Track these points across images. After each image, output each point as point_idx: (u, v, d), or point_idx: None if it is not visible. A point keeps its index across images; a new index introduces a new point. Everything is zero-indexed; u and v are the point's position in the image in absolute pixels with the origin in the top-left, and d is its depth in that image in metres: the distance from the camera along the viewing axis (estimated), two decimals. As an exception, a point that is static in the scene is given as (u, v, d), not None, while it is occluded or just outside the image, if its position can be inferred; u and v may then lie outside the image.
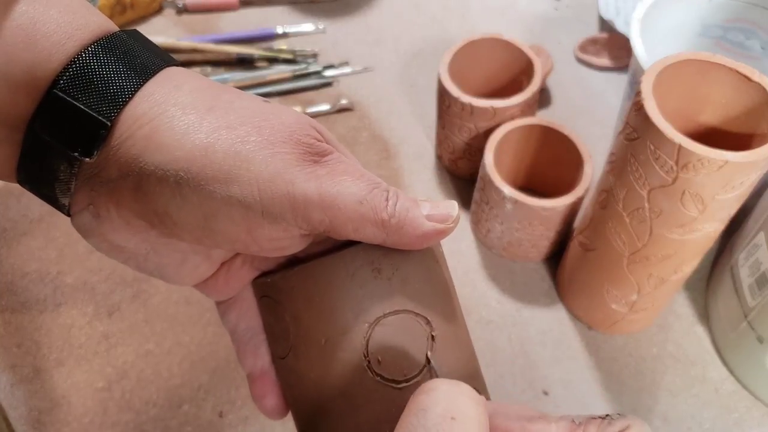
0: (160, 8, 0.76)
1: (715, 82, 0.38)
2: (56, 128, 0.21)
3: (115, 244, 0.24)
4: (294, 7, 0.77)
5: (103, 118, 0.21)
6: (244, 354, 0.28)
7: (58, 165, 0.22)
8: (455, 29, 0.75)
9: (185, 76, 0.23)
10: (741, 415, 0.48)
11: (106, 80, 0.21)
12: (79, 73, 0.21)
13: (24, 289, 0.54)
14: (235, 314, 0.28)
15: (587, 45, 0.72)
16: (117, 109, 0.21)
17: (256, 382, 0.27)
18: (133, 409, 0.47)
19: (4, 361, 0.50)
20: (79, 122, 0.21)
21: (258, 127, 0.22)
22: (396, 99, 0.68)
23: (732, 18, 0.57)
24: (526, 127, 0.53)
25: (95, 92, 0.21)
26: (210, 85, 0.23)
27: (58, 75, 0.21)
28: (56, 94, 0.21)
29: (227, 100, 0.23)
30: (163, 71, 0.23)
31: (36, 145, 0.22)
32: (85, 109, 0.21)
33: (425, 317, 0.25)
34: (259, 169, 0.22)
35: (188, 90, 0.22)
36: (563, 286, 0.53)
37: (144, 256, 0.25)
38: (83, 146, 0.21)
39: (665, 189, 0.37)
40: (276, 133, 0.22)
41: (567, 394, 0.48)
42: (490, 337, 0.51)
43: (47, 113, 0.21)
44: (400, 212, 0.23)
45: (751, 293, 0.45)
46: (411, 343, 0.25)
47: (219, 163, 0.21)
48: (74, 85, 0.21)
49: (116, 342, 0.51)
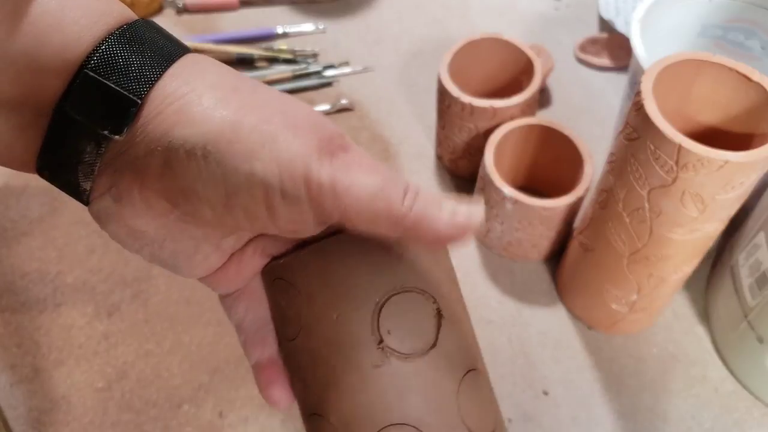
0: (160, 8, 0.76)
1: (715, 82, 0.38)
2: (86, 107, 0.22)
3: (134, 229, 0.24)
4: (294, 7, 0.77)
5: (134, 96, 0.22)
6: (252, 345, 0.28)
7: (84, 146, 0.22)
8: (455, 29, 0.75)
9: (208, 60, 0.24)
10: (741, 415, 0.48)
11: (135, 62, 0.22)
12: (108, 56, 0.22)
13: (24, 289, 0.54)
14: (243, 306, 0.29)
15: (587, 45, 0.72)
16: (147, 88, 0.22)
17: (264, 370, 0.28)
18: (133, 409, 0.47)
19: (3, 360, 0.50)
20: (110, 101, 0.22)
21: (282, 111, 0.23)
22: (396, 99, 0.68)
23: (732, 18, 0.57)
24: (526, 127, 0.53)
25: (124, 73, 0.22)
26: (230, 70, 0.24)
27: (88, 56, 0.22)
28: (87, 74, 0.21)
29: (251, 84, 0.24)
30: (186, 56, 0.24)
31: (64, 126, 0.22)
32: (116, 87, 0.22)
33: (432, 296, 0.26)
34: (281, 148, 0.22)
35: (214, 71, 0.23)
36: (563, 286, 0.53)
37: (160, 243, 0.25)
38: (113, 124, 0.22)
39: (665, 189, 0.37)
40: (299, 119, 0.23)
41: (567, 393, 0.48)
42: (490, 337, 0.51)
43: (78, 92, 0.22)
44: (416, 210, 0.22)
45: (752, 293, 0.45)
46: (420, 319, 0.26)
47: (244, 140, 0.22)
48: (104, 65, 0.22)
49: (116, 342, 0.51)
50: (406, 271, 0.26)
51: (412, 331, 0.25)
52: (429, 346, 0.25)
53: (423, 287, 0.26)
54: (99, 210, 0.24)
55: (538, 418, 0.47)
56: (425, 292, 0.26)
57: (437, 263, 0.27)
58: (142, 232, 0.24)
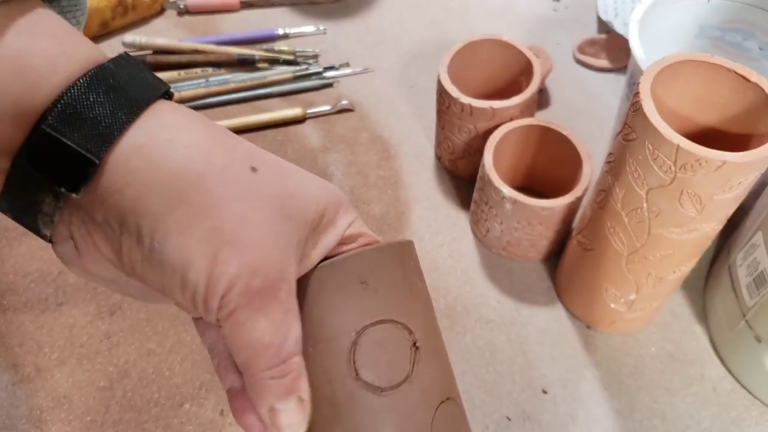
0: (162, 9, 0.77)
1: (713, 83, 0.39)
2: (43, 163, 0.21)
3: (95, 274, 0.25)
4: (295, 8, 0.78)
5: (92, 156, 0.21)
6: (224, 370, 0.28)
7: (42, 198, 0.22)
8: (455, 30, 0.75)
9: (177, 124, 0.23)
10: (739, 414, 0.48)
11: (95, 116, 0.21)
12: (68, 109, 0.21)
13: (26, 288, 0.54)
14: (214, 331, 0.28)
15: (586, 46, 0.72)
16: (105, 147, 0.21)
17: (237, 397, 0.27)
18: (134, 407, 0.48)
19: (6, 360, 0.50)
20: (67, 158, 0.21)
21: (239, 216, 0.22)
22: (396, 100, 0.68)
23: (730, 19, 0.58)
24: (525, 128, 0.54)
25: (84, 129, 0.21)
26: (202, 137, 0.23)
27: (46, 110, 0.21)
28: (44, 130, 0.21)
29: (220, 166, 0.23)
30: (155, 109, 0.23)
31: (21, 177, 0.22)
32: (74, 146, 0.21)
33: (408, 328, 0.26)
34: (216, 264, 0.22)
35: (180, 147, 0.22)
36: (562, 286, 0.53)
37: (124, 283, 0.26)
38: (70, 182, 0.21)
39: (663, 189, 0.37)
40: (251, 235, 0.23)
41: (566, 392, 0.49)
42: (489, 337, 0.51)
43: (35, 148, 0.21)
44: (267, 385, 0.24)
45: (749, 293, 0.46)
46: (395, 352, 0.26)
47: (189, 246, 0.22)
48: (62, 120, 0.21)
49: (118, 341, 0.51)
50: (381, 303, 0.26)
51: (387, 363, 0.25)
52: (404, 378, 0.25)
53: (399, 319, 0.26)
54: (60, 253, 0.24)
55: (537, 417, 0.48)
56: (401, 324, 0.26)
57: (413, 291, 0.27)
58: (102, 276, 0.25)
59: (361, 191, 0.60)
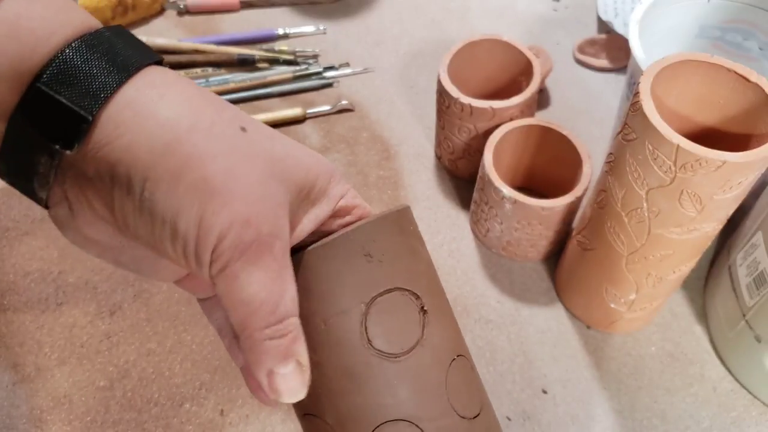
0: (162, 9, 0.77)
1: (713, 83, 0.39)
2: (38, 121, 0.22)
3: (89, 237, 0.25)
4: (295, 8, 0.78)
5: (85, 112, 0.21)
6: (236, 349, 0.28)
7: (38, 158, 0.22)
8: (455, 30, 0.75)
9: (168, 83, 0.23)
10: (739, 414, 0.48)
11: (88, 76, 0.22)
12: (62, 68, 0.21)
13: (26, 288, 0.54)
14: (221, 311, 0.28)
15: (586, 46, 0.72)
16: (98, 105, 0.22)
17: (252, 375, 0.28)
18: (134, 407, 0.48)
19: (6, 360, 0.50)
20: (62, 116, 0.21)
21: (227, 168, 0.22)
22: (396, 100, 0.68)
23: (730, 19, 0.58)
24: (525, 128, 0.54)
25: (77, 87, 0.21)
26: (192, 95, 0.23)
27: (41, 69, 0.21)
28: (39, 88, 0.21)
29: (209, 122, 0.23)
30: (147, 72, 0.23)
31: (18, 137, 0.22)
32: (68, 103, 0.21)
33: (415, 293, 0.27)
34: (207, 214, 0.22)
35: (169, 102, 0.23)
36: (562, 286, 0.53)
37: (119, 249, 0.26)
38: (65, 139, 0.22)
39: (663, 189, 0.37)
40: (240, 185, 0.23)
41: (566, 392, 0.49)
42: (489, 337, 0.51)
43: (30, 106, 0.22)
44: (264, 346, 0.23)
45: (749, 293, 0.46)
46: (405, 318, 0.27)
47: (179, 194, 0.22)
48: (57, 79, 0.21)
49: (118, 341, 0.51)
50: (386, 273, 0.26)
51: (398, 330, 0.26)
52: (415, 342, 0.26)
53: (405, 285, 0.27)
54: (56, 217, 0.24)
55: (537, 417, 0.48)
56: (407, 291, 0.27)
57: (415, 256, 0.28)
58: (97, 241, 0.25)
59: (361, 191, 0.60)
